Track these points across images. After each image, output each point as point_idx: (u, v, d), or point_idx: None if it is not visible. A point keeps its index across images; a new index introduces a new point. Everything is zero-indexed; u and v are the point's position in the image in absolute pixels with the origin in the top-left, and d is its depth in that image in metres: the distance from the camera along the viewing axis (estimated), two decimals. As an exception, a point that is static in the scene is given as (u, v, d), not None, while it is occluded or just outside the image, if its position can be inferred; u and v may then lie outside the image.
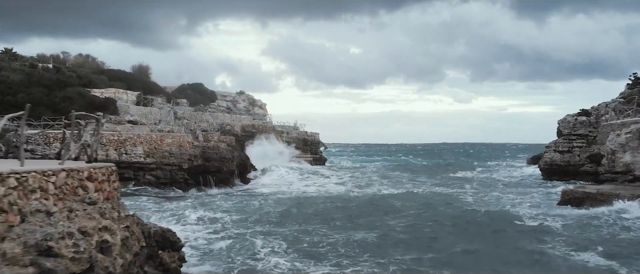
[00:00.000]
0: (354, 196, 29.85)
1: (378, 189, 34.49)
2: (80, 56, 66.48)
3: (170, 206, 24.29)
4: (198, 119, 49.05)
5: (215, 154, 37.10)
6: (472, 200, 26.93)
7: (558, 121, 42.51)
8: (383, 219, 20.93)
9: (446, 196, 29.82)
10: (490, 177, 44.87)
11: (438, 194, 31.00)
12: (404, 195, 29.86)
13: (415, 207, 24.27)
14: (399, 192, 31.63)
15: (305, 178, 43.36)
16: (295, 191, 33.39)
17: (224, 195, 31.06)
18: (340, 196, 30.31)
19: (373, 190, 33.79)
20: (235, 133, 51.69)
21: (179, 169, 32.30)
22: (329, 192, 33.01)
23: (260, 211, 23.20)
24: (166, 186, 31.31)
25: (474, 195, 30.03)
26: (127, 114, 40.42)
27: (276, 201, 27.30)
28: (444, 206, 24.69)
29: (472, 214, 21.94)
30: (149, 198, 27.09)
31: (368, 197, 29.39)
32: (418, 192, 31.89)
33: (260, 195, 31.74)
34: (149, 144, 32.35)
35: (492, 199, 28.14)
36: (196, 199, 27.95)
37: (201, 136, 39.88)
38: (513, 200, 27.25)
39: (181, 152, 33.47)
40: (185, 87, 65.99)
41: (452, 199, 28.00)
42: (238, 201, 27.25)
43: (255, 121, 58.28)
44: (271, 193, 32.77)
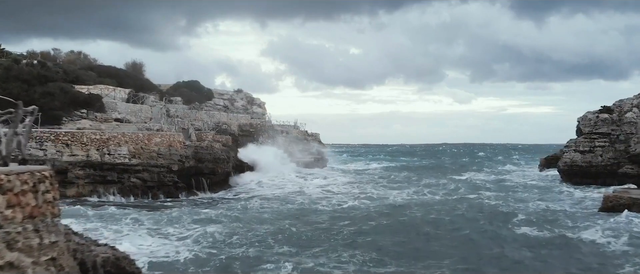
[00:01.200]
0: (366, 207, 25.97)
1: (391, 195, 30.94)
2: (72, 53, 63.66)
3: (148, 216, 21.38)
4: (192, 117, 46.15)
5: (208, 154, 34.25)
6: (505, 209, 23.46)
7: (578, 118, 39.70)
8: (414, 241, 17.19)
9: (471, 203, 26.55)
10: (507, 179, 41.89)
11: (459, 200, 27.97)
12: (424, 204, 26.47)
13: (449, 223, 20.47)
14: (417, 200, 28.24)
15: (308, 181, 40.45)
16: (297, 198, 30.45)
17: (215, 202, 28.25)
18: (351, 207, 26.01)
19: (385, 197, 30.21)
20: (232, 132, 48.80)
21: (168, 171, 29.40)
22: (337, 201, 28.79)
23: (255, 225, 20.02)
24: (153, 189, 28.43)
25: (501, 201, 26.91)
26: (114, 112, 37.49)
27: (275, 212, 24.15)
28: (477, 215, 21.51)
29: (522, 233, 18.24)
30: (121, 208, 24.21)
31: (384, 207, 25.39)
32: (437, 200, 28.93)
33: (256, 202, 28.89)
34: (135, 144, 29.47)
35: (522, 206, 25.26)
36: (183, 207, 25.11)
37: (194, 135, 37.02)
38: (545, 207, 24.44)
39: (171, 153, 30.58)
40: (181, 85, 63.05)
41: (483, 208, 24.38)
42: (230, 211, 24.35)
43: (253, 120, 55.38)
44: (269, 199, 29.92)
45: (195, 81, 64.67)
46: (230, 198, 30.59)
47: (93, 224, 18.71)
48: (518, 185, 36.62)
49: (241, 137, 50.00)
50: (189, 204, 26.00)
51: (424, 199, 28.79)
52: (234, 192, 33.06)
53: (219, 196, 31.48)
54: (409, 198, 29.23)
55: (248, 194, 31.82)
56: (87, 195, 27.30)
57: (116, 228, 18.17)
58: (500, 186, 35.49)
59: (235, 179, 37.25)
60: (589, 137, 37.31)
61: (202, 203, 27.39)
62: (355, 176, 48.11)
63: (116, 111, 37.91)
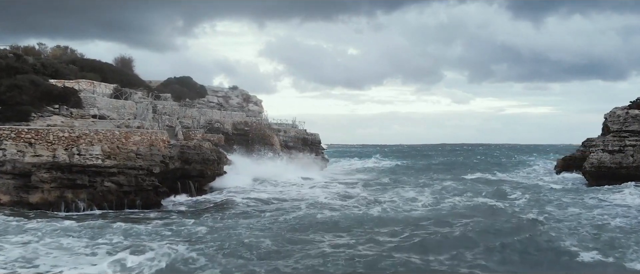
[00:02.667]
0: (378, 216, 21.90)
1: (406, 203, 26.68)
2: (58, 48, 60.01)
3: (110, 233, 17.75)
4: (181, 114, 42.48)
5: (196, 155, 30.63)
6: (548, 226, 19.38)
7: (605, 115, 36.13)
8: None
9: (502, 213, 22.71)
10: (526, 183, 38.10)
11: (482, 209, 24.18)
12: (447, 215, 22.55)
13: (486, 244, 16.36)
14: (438, 209, 24.20)
15: (311, 184, 36.81)
16: (295, 204, 26.77)
17: (200, 211, 24.61)
18: (359, 217, 21.96)
19: (400, 205, 25.94)
20: (225, 131, 45.22)
21: (149, 173, 25.71)
22: (344, 209, 24.50)
23: (242, 246, 16.18)
24: (130, 195, 24.76)
25: (536, 211, 23.04)
26: (93, 108, 33.77)
27: (273, 225, 20.10)
28: (519, 235, 17.72)
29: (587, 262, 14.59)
30: (83, 220, 20.61)
31: (402, 219, 21.27)
32: (462, 205, 25.22)
33: (247, 208, 25.27)
34: (110, 143, 25.81)
35: (560, 215, 21.65)
36: (160, 219, 21.50)
37: (181, 134, 33.38)
38: (591, 217, 20.80)
39: (152, 153, 26.92)
40: (172, 81, 59.28)
41: (522, 225, 19.87)
42: (211, 222, 20.73)
43: (248, 118, 51.69)
44: (264, 202, 26.26)
45: (188, 77, 60.92)
46: (219, 204, 26.90)
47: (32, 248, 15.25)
48: (542, 188, 32.88)
49: (235, 137, 46.38)
50: (164, 217, 22.27)
51: (441, 208, 25.04)
52: (224, 197, 29.30)
53: (210, 199, 27.91)
54: (429, 205, 25.42)
55: (236, 200, 28.01)
56: (54, 201, 23.70)
57: (55, 256, 14.64)
58: (524, 190, 31.65)
59: (225, 179, 33.50)
60: (618, 135, 33.74)
61: (184, 213, 23.74)
62: (362, 175, 44.53)
63: (95, 107, 34.18)
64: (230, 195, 29.82)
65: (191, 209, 25.59)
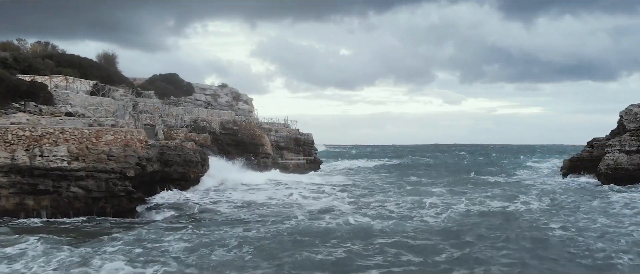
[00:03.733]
0: (380, 229, 18.99)
1: (409, 209, 23.75)
2: (38, 44, 56.96)
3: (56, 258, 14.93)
4: (165, 112, 39.66)
5: (177, 156, 27.82)
6: (581, 241, 16.68)
7: (620, 112, 33.77)
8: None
9: (521, 221, 20.31)
10: (537, 186, 35.40)
11: (492, 213, 21.68)
12: (462, 221, 20.17)
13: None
14: (451, 218, 21.27)
15: (299, 189, 33.96)
16: (285, 212, 24.03)
17: (177, 227, 21.85)
18: (358, 228, 19.01)
19: (406, 212, 22.97)
20: (212, 130, 42.39)
21: (121, 177, 22.85)
22: (344, 220, 20.92)
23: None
24: (99, 202, 21.92)
25: (558, 220, 20.45)
26: (66, 104, 30.97)
27: (260, 240, 17.55)
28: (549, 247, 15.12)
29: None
30: (29, 234, 17.76)
31: (411, 231, 18.50)
32: (475, 211, 22.67)
33: (231, 216, 22.50)
34: (78, 142, 22.98)
35: (585, 223, 19.09)
36: (126, 229, 18.71)
37: (162, 133, 30.57)
38: (618, 227, 18.21)
39: (126, 154, 24.05)
40: (157, 78, 56.61)
41: (550, 243, 16.87)
42: (190, 235, 18.00)
43: (237, 117, 48.85)
44: (247, 210, 23.50)
45: (174, 74, 58.28)
46: (198, 214, 24.13)
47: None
48: (555, 191, 30.21)
49: (223, 137, 43.58)
50: (134, 228, 19.46)
51: (453, 214, 22.36)
52: (198, 200, 26.51)
53: (189, 202, 25.08)
54: (438, 213, 22.62)
55: (220, 208, 25.18)
56: (12, 209, 20.91)
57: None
58: (537, 193, 29.01)
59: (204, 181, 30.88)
60: (635, 134, 31.28)
61: (159, 222, 20.94)
62: (357, 177, 41.78)
63: (68, 104, 31.38)
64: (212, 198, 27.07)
65: (170, 214, 22.85)
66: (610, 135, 41.53)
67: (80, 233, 18.40)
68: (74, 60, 44.36)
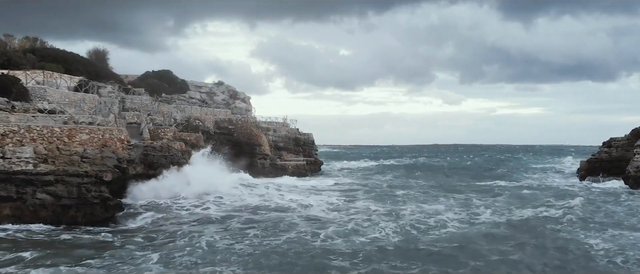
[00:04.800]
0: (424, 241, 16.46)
1: (428, 217, 20.99)
2: (26, 39, 54.24)
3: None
4: (154, 110, 36.92)
5: (163, 157, 25.12)
6: (603, 242, 14.14)
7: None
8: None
9: (556, 230, 17.80)
10: (556, 189, 32.61)
11: (523, 224, 18.94)
12: (495, 233, 17.55)
13: None
14: (481, 229, 18.55)
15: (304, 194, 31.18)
16: (294, 221, 21.24)
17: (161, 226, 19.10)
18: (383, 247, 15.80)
19: (426, 222, 20.17)
20: (206, 130, 39.65)
21: (97, 182, 20.12)
22: (356, 231, 18.15)
23: None
24: (70, 210, 19.18)
25: (590, 230, 17.81)
26: (42, 100, 28.23)
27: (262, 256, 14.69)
28: None
29: None
30: None
31: (431, 242, 16.22)
32: (504, 222, 19.91)
33: (220, 224, 19.74)
34: (48, 142, 20.29)
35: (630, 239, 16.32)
36: (93, 245, 15.97)
37: (147, 132, 27.84)
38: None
39: (104, 156, 21.34)
40: (150, 75, 53.82)
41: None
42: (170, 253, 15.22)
43: (233, 116, 46.06)
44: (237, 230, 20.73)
45: (167, 71, 55.43)
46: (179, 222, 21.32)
47: None
48: (584, 197, 27.32)
49: (218, 136, 40.85)
50: (104, 243, 16.68)
51: (484, 223, 19.59)
52: (184, 208, 23.65)
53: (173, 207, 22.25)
54: (464, 227, 19.74)
55: (205, 216, 22.37)
56: (-32, 219, 18.17)
57: None
58: (563, 201, 26.06)
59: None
60: (667, 134, 28.56)
61: (137, 233, 18.17)
62: (364, 180, 39.01)
63: (45, 100, 28.64)
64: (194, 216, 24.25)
65: (151, 220, 20.11)
66: (631, 135, 38.83)
67: (37, 245, 15.64)
68: (59, 55, 41.61)
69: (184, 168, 25.78)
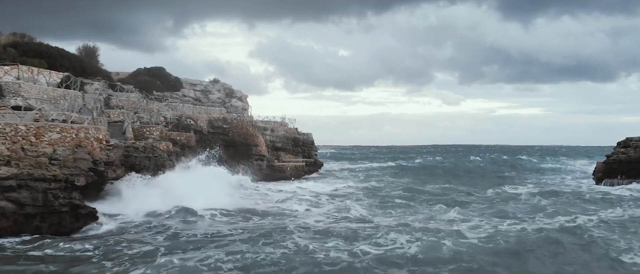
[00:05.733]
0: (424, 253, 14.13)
1: (445, 226, 18.53)
2: (14, 34, 51.76)
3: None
4: (142, 108, 34.45)
5: (147, 159, 22.66)
6: None
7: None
8: None
9: (591, 244, 15.60)
10: (576, 193, 30.02)
11: (553, 235, 16.53)
12: (527, 247, 15.17)
13: None
14: (508, 242, 16.07)
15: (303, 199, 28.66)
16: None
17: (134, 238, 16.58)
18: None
19: (442, 233, 17.37)
20: (198, 129, 37.20)
21: (67, 187, 17.66)
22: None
23: None
24: (34, 220, 16.72)
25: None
26: (16, 96, 25.76)
27: None
28: None
29: None
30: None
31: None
32: (532, 232, 17.49)
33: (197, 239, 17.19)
34: (11, 142, 17.82)
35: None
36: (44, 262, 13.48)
37: (130, 131, 25.37)
38: None
39: (77, 158, 18.87)
40: (141, 72, 51.34)
41: None
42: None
43: (228, 114, 43.57)
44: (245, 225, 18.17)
45: (160, 68, 52.97)
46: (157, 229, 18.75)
47: None
48: (611, 202, 24.86)
49: (211, 136, 38.39)
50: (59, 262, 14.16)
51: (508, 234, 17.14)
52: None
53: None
54: (484, 238, 17.20)
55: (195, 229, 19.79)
56: None
57: None
58: (589, 208, 23.62)
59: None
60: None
61: (101, 246, 15.61)
62: (367, 182, 36.51)
63: (20, 96, 26.16)
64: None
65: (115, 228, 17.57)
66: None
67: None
68: (42, 49, 39.14)
69: (158, 178, 22.55)
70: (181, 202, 21.20)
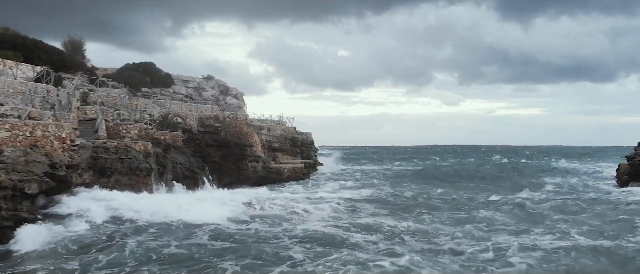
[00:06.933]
0: None
1: (483, 254, 14.30)
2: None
3: None
4: (123, 104, 31.30)
5: (119, 161, 19.52)
6: None
7: None
8: None
9: None
10: (611, 201, 26.53)
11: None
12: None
13: None
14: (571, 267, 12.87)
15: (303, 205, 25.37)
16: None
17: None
18: None
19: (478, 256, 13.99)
20: (187, 127, 34.05)
21: (15, 195, 14.53)
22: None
23: None
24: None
25: None
26: (-26, 90, 22.66)
27: None
28: None
29: None
30: None
31: None
32: (604, 250, 14.41)
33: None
34: (-55, 142, 14.67)
35: None
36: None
37: (104, 129, 22.22)
38: None
39: (30, 160, 15.74)
40: (129, 67, 48.33)
41: None
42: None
43: (220, 112, 40.39)
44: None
45: (149, 63, 49.93)
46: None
47: None
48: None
49: (202, 135, 35.23)
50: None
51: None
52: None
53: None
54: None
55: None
56: None
57: None
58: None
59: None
60: None
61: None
62: (371, 186, 33.16)
63: (-22, 89, 23.05)
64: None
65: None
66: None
67: None
68: (17, 41, 36.03)
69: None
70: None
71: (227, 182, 32.85)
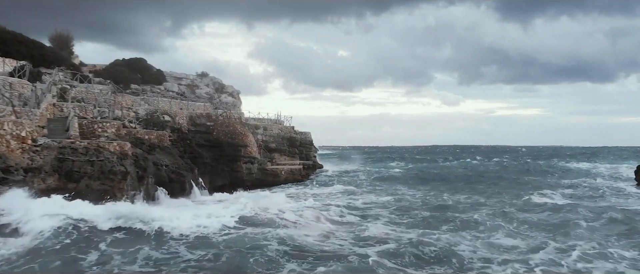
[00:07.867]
0: None
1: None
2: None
3: None
4: (106, 100, 28.91)
5: (89, 164, 17.10)
6: None
7: None
8: None
9: None
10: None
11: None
12: None
13: None
14: None
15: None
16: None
17: None
18: None
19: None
20: (176, 126, 31.67)
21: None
22: None
23: None
24: None
25: None
26: None
27: None
28: None
29: None
30: None
31: None
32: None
33: None
34: None
35: None
36: None
37: (75, 127, 19.81)
38: None
39: (-24, 162, 13.31)
40: (119, 63, 46.01)
41: None
42: None
43: (213, 110, 37.93)
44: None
45: (140, 59, 47.66)
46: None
47: None
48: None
49: (193, 135, 32.85)
50: None
51: None
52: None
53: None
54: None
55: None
56: None
57: None
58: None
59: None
60: None
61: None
62: (374, 190, 30.54)
63: (-63, 83, 20.68)
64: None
65: None
66: None
67: None
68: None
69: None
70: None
71: (219, 185, 30.44)
